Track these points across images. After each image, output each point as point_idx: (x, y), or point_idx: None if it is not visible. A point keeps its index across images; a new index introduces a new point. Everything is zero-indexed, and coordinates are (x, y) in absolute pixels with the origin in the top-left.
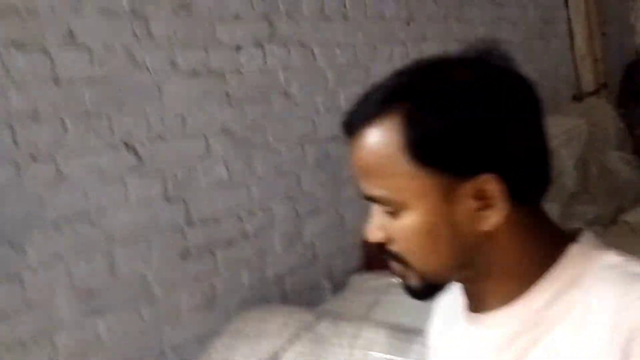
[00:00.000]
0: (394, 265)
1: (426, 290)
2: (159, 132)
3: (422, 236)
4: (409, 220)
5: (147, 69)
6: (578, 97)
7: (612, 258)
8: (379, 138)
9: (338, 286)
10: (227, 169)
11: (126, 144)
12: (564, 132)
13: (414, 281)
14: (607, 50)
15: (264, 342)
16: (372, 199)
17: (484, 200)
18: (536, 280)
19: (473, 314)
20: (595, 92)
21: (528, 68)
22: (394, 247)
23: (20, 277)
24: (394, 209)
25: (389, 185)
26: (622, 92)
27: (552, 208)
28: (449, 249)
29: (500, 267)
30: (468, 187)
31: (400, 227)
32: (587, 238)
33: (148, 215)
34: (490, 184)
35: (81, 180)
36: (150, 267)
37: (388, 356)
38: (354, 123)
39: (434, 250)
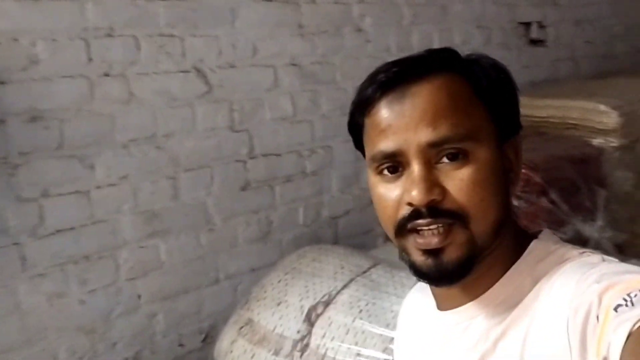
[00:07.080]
0: (437, 232)
1: (460, 265)
2: (230, 59)
3: (488, 178)
4: (479, 160)
5: None
6: None
7: (569, 252)
8: (452, 82)
9: None
10: (293, 104)
11: (197, 69)
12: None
13: (456, 252)
14: None
15: (318, 281)
16: (443, 142)
17: (514, 160)
18: (500, 276)
19: (441, 312)
20: None
21: (611, 22)
22: (449, 203)
23: (88, 194)
24: (465, 150)
25: (466, 120)
26: None
27: (626, 177)
28: (503, 199)
29: (490, 260)
30: (510, 142)
31: (467, 172)
32: (546, 235)
33: (213, 143)
34: (519, 144)
35: (151, 102)
36: (211, 195)
37: None
38: (411, 75)
39: (494, 199)
